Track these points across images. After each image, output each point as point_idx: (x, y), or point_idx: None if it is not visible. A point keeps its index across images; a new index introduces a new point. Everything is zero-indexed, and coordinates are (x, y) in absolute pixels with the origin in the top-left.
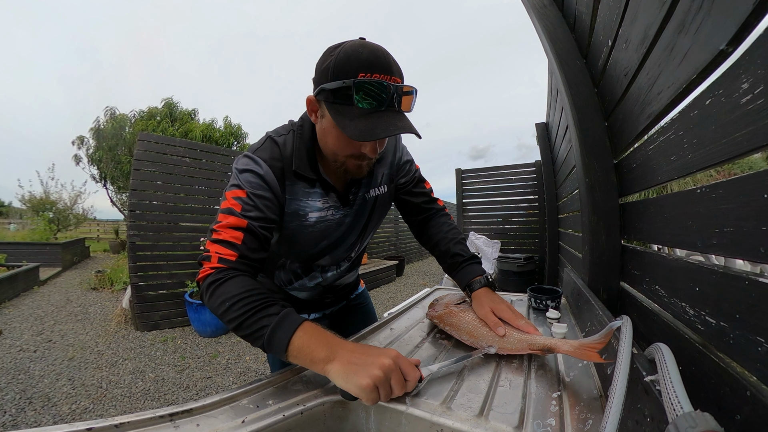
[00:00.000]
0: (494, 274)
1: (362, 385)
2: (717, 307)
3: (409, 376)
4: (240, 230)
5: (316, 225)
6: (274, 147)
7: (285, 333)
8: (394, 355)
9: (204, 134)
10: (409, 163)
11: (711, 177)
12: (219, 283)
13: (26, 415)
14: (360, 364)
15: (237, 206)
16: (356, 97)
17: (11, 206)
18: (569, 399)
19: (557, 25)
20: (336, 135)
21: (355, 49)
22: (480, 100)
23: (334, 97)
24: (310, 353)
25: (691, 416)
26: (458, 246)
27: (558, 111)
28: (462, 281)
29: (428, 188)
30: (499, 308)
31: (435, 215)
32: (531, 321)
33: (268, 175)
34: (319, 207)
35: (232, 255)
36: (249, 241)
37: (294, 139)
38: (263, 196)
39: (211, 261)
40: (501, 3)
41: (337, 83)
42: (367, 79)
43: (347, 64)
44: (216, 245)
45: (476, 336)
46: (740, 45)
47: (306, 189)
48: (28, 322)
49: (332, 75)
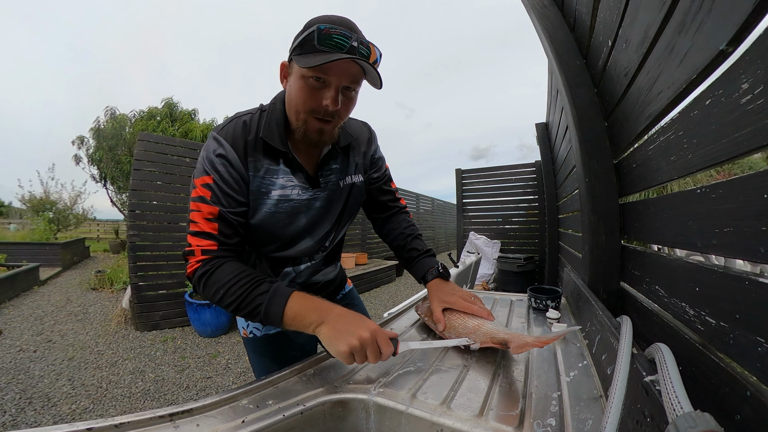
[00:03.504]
0: (494, 274)
1: (340, 350)
2: (717, 307)
3: (383, 349)
4: (214, 220)
5: (279, 204)
6: (239, 123)
7: (277, 306)
8: (374, 329)
9: (204, 134)
10: (381, 160)
11: (711, 177)
12: (209, 274)
13: (26, 415)
14: (342, 331)
15: (207, 193)
16: (317, 38)
17: (11, 206)
18: (569, 399)
19: (557, 25)
20: (300, 86)
21: (324, 16)
22: (481, 99)
23: (301, 50)
24: (303, 320)
25: (691, 416)
26: (415, 241)
27: (558, 111)
28: (417, 274)
29: (394, 188)
30: (450, 300)
31: (397, 213)
32: (530, 320)
33: (231, 153)
34: (282, 184)
35: (212, 245)
36: (224, 228)
37: (263, 116)
38: (228, 180)
39: (195, 255)
40: (501, 3)
41: (304, 34)
42: (330, 26)
43: (314, 21)
44: (196, 238)
45: (455, 331)
46: (740, 45)
47: (270, 166)
48: (28, 322)
49: (300, 33)
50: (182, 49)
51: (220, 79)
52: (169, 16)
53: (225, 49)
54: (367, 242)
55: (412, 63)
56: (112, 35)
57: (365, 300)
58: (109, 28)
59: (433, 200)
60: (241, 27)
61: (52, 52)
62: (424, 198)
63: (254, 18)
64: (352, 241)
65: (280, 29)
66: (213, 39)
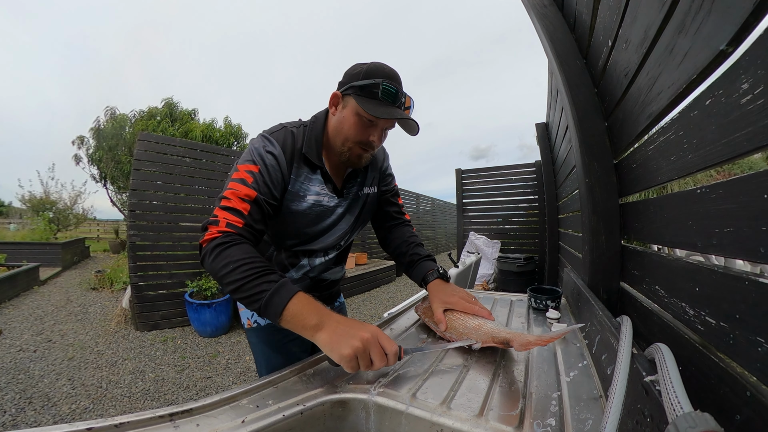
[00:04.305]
0: (494, 274)
1: (343, 354)
2: (717, 307)
3: (388, 350)
4: (248, 201)
5: (313, 208)
6: (288, 133)
7: (282, 299)
8: (374, 331)
9: (204, 134)
10: (391, 177)
11: (711, 177)
12: (225, 246)
13: (26, 415)
14: (343, 335)
15: (249, 178)
16: (381, 92)
17: (11, 206)
18: (569, 399)
19: (557, 25)
20: (354, 121)
21: (381, 65)
22: (481, 99)
23: (361, 91)
24: (302, 320)
25: (691, 416)
26: (417, 248)
27: (558, 111)
28: (418, 275)
29: (401, 203)
30: (451, 300)
31: (401, 224)
32: (530, 320)
33: (281, 155)
34: (317, 191)
35: (239, 222)
36: (255, 212)
37: (305, 132)
38: (273, 174)
39: (219, 225)
40: (502, 3)
41: (368, 81)
42: (389, 84)
43: (376, 71)
44: (224, 212)
45: (455, 331)
46: (740, 45)
47: (309, 174)
48: (28, 322)
49: (363, 76)
50: (182, 49)
51: (220, 79)
52: (170, 16)
53: (225, 49)
54: (367, 242)
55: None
56: (113, 35)
57: (365, 300)
58: (109, 28)
59: (433, 200)
60: (241, 27)
61: (52, 51)
62: (424, 198)
63: (254, 18)
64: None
65: (280, 29)
66: (213, 39)
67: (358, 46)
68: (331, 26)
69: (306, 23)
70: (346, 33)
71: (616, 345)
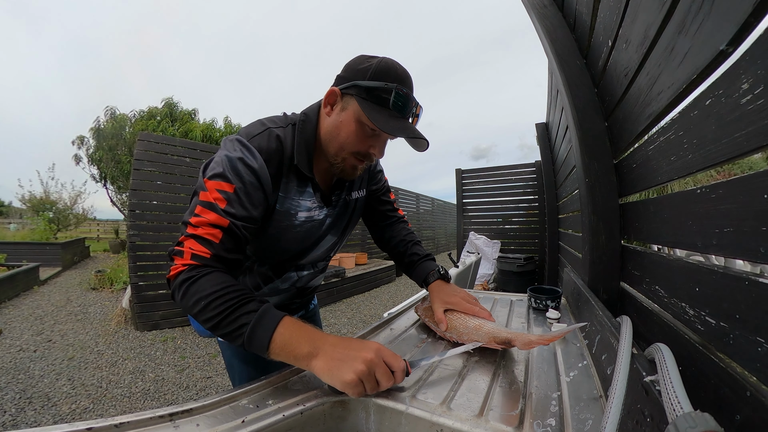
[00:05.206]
0: (494, 274)
1: (346, 380)
2: (717, 307)
3: (395, 367)
4: (219, 228)
5: (303, 225)
6: (274, 139)
7: (265, 330)
8: (376, 348)
9: (204, 134)
10: (380, 173)
11: (711, 177)
12: (192, 280)
13: (26, 415)
14: (343, 359)
15: (221, 202)
16: (393, 100)
17: (11, 206)
18: (569, 399)
19: (557, 25)
20: (354, 128)
21: (393, 64)
22: (481, 99)
23: (368, 95)
24: (293, 350)
25: (690, 416)
26: (415, 247)
27: (558, 111)
28: (419, 276)
29: (393, 198)
30: (452, 301)
31: (396, 222)
32: (530, 320)
33: (263, 170)
34: (308, 207)
35: (206, 252)
36: (227, 241)
37: (294, 133)
38: (251, 194)
39: (184, 257)
40: (502, 3)
41: (378, 83)
42: (403, 91)
43: (387, 72)
44: (191, 240)
45: (456, 332)
46: (740, 45)
47: (299, 188)
48: (28, 322)
49: (372, 76)
50: (182, 49)
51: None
52: (170, 16)
53: (226, 48)
54: (367, 242)
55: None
56: (114, 35)
57: (365, 300)
58: (109, 28)
59: (433, 200)
60: (242, 26)
61: (52, 51)
62: (424, 198)
63: (254, 18)
64: (352, 241)
65: (279, 31)
66: (214, 38)
67: (359, 45)
68: (331, 26)
69: (307, 23)
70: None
71: (616, 345)
